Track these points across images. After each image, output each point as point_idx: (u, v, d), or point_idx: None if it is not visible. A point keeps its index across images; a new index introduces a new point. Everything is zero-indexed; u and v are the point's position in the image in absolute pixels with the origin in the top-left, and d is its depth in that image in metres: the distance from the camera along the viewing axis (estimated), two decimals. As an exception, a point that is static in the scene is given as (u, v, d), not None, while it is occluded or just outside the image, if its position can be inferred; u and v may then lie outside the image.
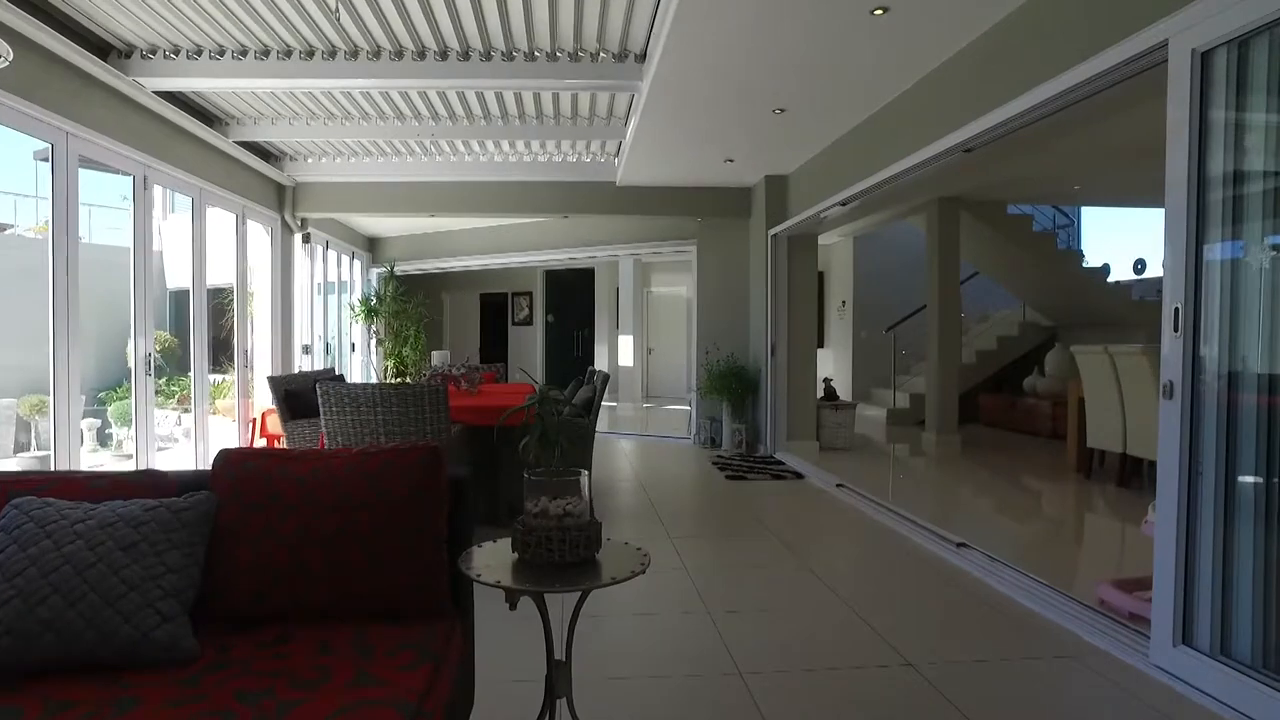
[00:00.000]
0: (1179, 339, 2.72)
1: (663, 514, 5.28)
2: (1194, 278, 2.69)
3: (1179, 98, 2.76)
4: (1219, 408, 2.65)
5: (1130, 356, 5.84)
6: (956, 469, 7.39)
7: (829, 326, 13.02)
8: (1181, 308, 2.70)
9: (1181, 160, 2.74)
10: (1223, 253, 2.65)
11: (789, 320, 7.98)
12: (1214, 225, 2.67)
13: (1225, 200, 2.65)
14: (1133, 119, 5.60)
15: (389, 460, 1.88)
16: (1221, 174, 2.66)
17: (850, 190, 5.79)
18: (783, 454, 7.82)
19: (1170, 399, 2.76)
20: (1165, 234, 2.81)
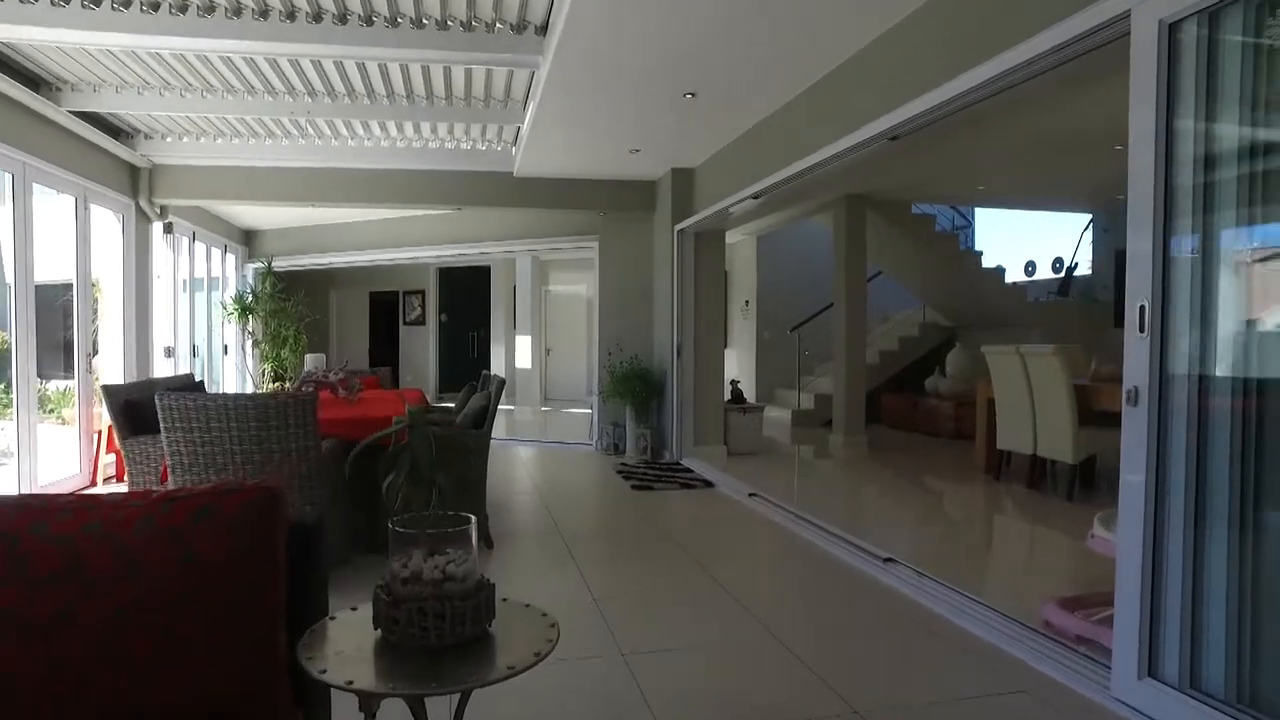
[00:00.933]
0: (1145, 340, 2.45)
1: (566, 533, 4.81)
2: (1162, 272, 2.43)
3: (1144, 74, 2.49)
4: (1189, 416, 2.40)
5: (1042, 358, 5.74)
6: (868, 473, 7.22)
7: (733, 327, 12.81)
8: (1149, 305, 2.44)
9: (1147, 145, 2.48)
10: (1193, 245, 2.39)
11: (695, 320, 7.64)
12: (1183, 215, 2.41)
13: (1196, 188, 2.40)
14: (1054, 112, 5.49)
15: (203, 508, 1.35)
16: (1191, 159, 2.41)
17: (767, 181, 5.47)
18: (690, 460, 7.47)
19: (1135, 406, 2.49)
20: (1130, 225, 2.54)
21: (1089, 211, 9.98)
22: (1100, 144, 6.46)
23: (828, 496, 6.20)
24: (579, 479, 6.94)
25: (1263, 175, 2.34)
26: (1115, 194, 8.63)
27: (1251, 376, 2.35)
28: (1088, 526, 5.14)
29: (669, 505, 5.73)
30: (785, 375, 11.62)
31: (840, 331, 8.59)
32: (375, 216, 9.91)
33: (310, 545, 1.53)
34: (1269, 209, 2.31)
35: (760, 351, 11.88)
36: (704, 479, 6.60)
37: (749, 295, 12.14)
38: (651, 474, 6.86)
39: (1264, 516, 2.35)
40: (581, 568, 4.07)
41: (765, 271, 11.85)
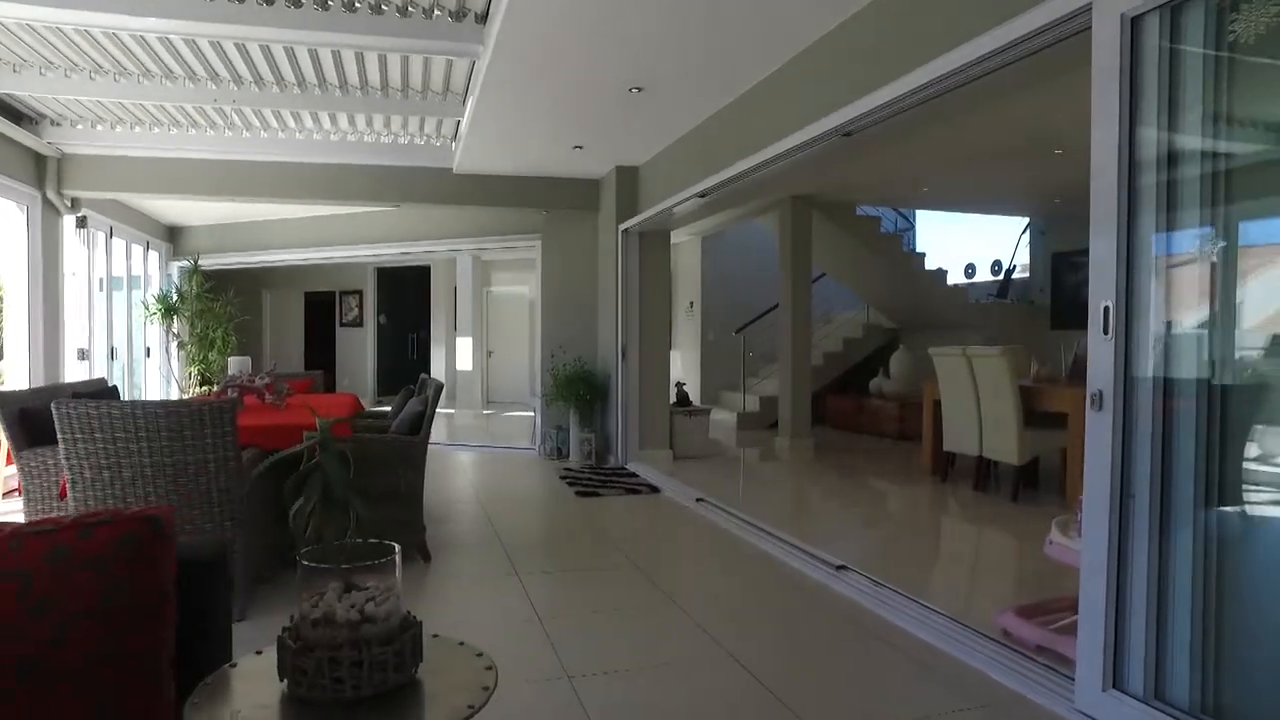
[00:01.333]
0: (1109, 341, 2.37)
1: (508, 543, 4.60)
2: (1125, 273, 2.35)
3: (1105, 70, 2.41)
4: (1154, 421, 2.33)
5: (988, 359, 5.73)
6: (815, 476, 7.15)
7: (678, 328, 12.71)
8: (1113, 306, 2.36)
9: (1109, 143, 2.40)
10: (1158, 245, 2.32)
11: (640, 321, 7.49)
12: (1147, 212, 2.34)
13: (1159, 185, 2.32)
14: (999, 115, 5.48)
15: (59, 549, 1.12)
16: (1155, 158, 2.33)
17: (715, 178, 5.34)
18: (635, 464, 7.31)
19: (1100, 410, 2.41)
20: (1092, 225, 2.46)
21: (1027, 215, 10.13)
22: (1041, 148, 6.51)
23: (776, 501, 6.11)
24: (522, 485, 6.73)
25: (1226, 174, 2.28)
26: (1053, 198, 8.75)
27: (1217, 379, 2.28)
28: (1036, 528, 5.15)
29: (615, 512, 5.56)
30: (730, 377, 11.55)
31: (786, 333, 8.54)
32: (310, 213, 9.52)
33: (208, 581, 1.32)
34: (1235, 207, 2.25)
35: (705, 353, 11.80)
36: (650, 484, 6.44)
37: (694, 296, 12.05)
38: (596, 479, 6.68)
39: (1230, 524, 2.29)
40: (524, 581, 3.87)
41: (710, 272, 11.77)
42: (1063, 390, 5.54)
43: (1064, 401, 5.48)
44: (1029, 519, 5.19)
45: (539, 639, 3.13)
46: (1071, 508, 5.17)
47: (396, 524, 4.06)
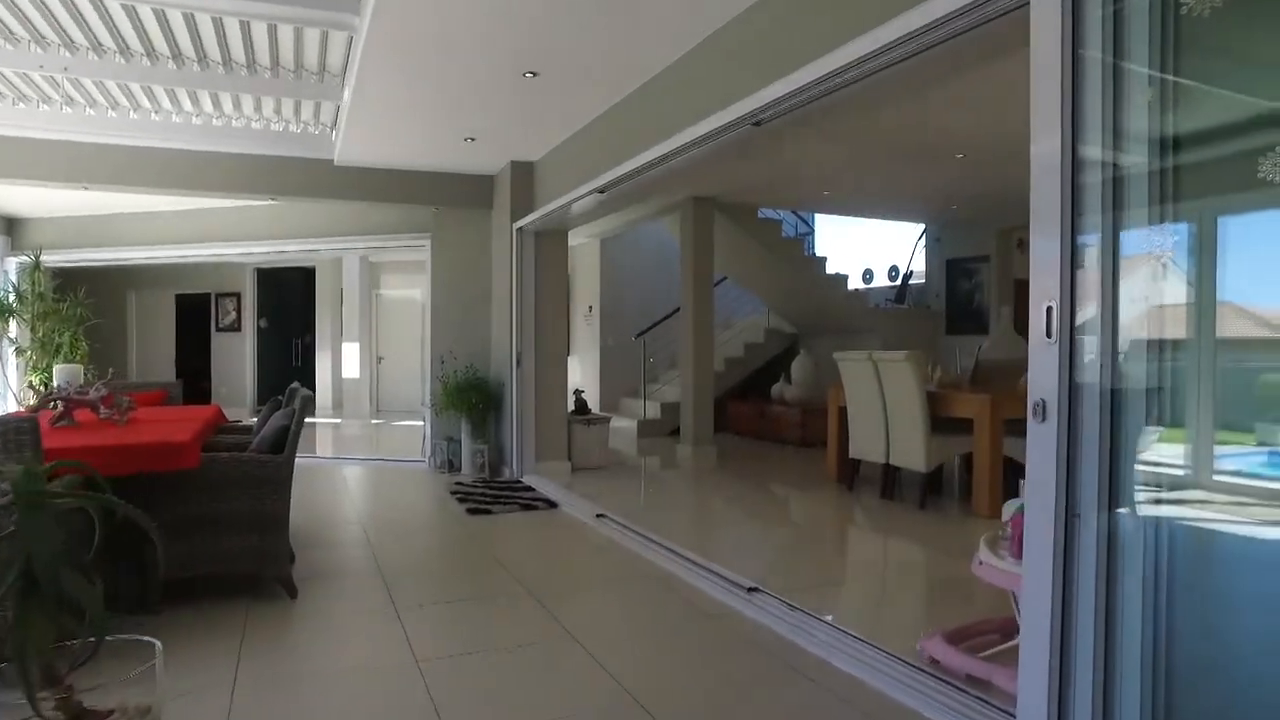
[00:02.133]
0: (1053, 346, 2.15)
1: (388, 571, 4.13)
2: (1071, 271, 2.14)
3: (1046, 52, 2.20)
4: (1102, 433, 2.11)
5: (896, 364, 5.61)
6: (720, 486, 6.91)
7: (575, 333, 12.35)
8: (1056, 307, 2.14)
9: (1053, 131, 2.18)
10: (1105, 243, 2.11)
11: (536, 325, 7.09)
12: (1092, 211, 2.13)
13: (1106, 182, 2.11)
14: (905, 112, 5.36)
15: None
16: (1101, 150, 2.13)
17: (616, 171, 5.01)
18: (532, 477, 6.89)
19: (1042, 422, 2.19)
20: (1034, 219, 2.25)
21: (923, 222, 10.24)
22: (944, 152, 6.47)
23: (681, 515, 5.82)
24: (408, 502, 6.22)
25: (1178, 167, 2.10)
26: (950, 205, 8.84)
27: (1168, 386, 2.09)
28: (949, 539, 5.03)
29: (508, 531, 5.14)
30: (631, 383, 11.28)
31: (687, 338, 8.31)
32: (178, 206, 8.67)
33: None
34: (1190, 202, 2.06)
35: (604, 359, 11.49)
36: (547, 499, 6.05)
37: (592, 300, 11.73)
38: (489, 495, 6.23)
39: (1185, 544, 2.10)
40: (403, 617, 3.42)
41: (609, 275, 11.48)
42: (967, 395, 5.47)
43: (969, 407, 5.40)
44: (940, 528, 5.08)
45: (416, 689, 2.70)
46: (984, 511, 5.09)
47: (256, 556, 3.54)
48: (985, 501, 5.25)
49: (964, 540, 4.84)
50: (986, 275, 9.52)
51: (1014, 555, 2.65)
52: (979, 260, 9.61)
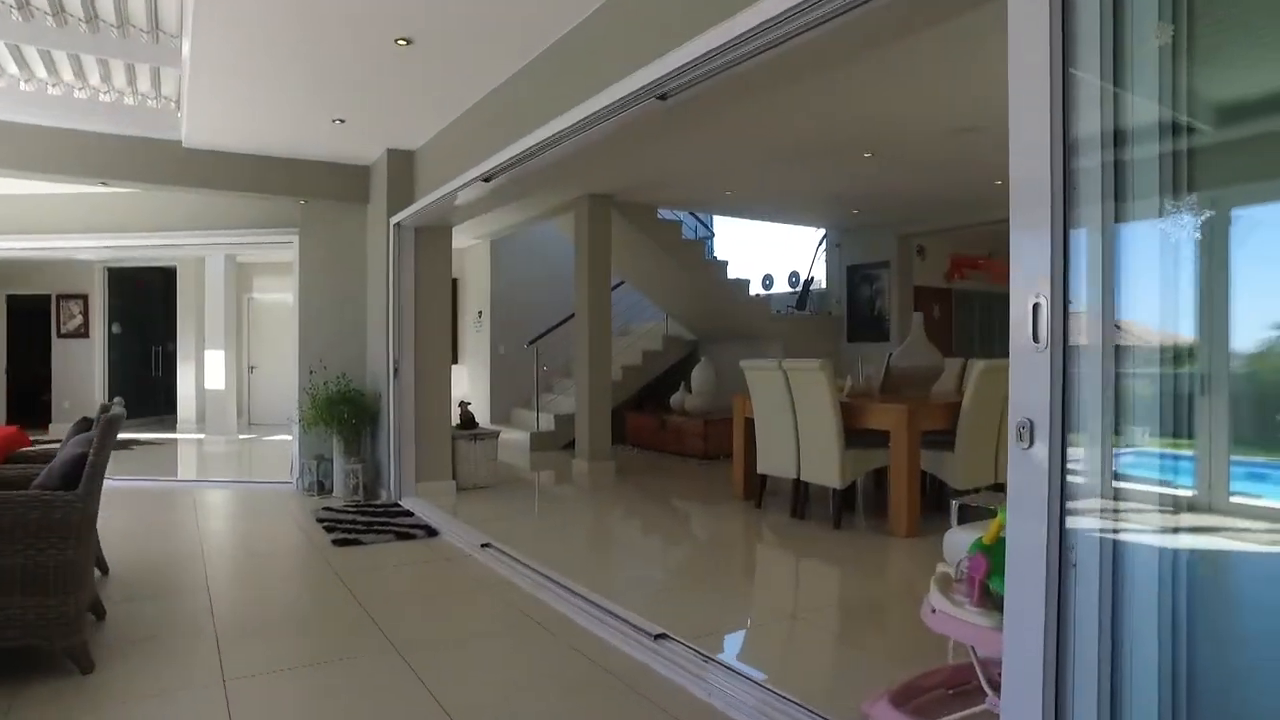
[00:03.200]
0: (1043, 353, 1.72)
1: (224, 627, 3.41)
2: (1062, 260, 1.72)
3: (1033, 13, 1.78)
4: (1105, 459, 1.70)
5: (808, 373, 5.23)
6: (619, 507, 6.38)
7: (464, 340, 11.64)
8: (1047, 304, 1.71)
9: (1041, 100, 1.76)
10: (1093, 237, 1.70)
11: (417, 331, 6.41)
12: (1089, 199, 1.71)
13: (1105, 165, 1.70)
14: (820, 98, 4.99)
15: None
16: (1099, 128, 1.71)
17: (502, 156, 4.42)
18: (411, 500, 6.20)
19: (1028, 447, 1.76)
20: (1014, 196, 1.82)
21: (824, 227, 10.05)
22: (852, 149, 6.17)
23: (576, 543, 5.25)
24: (267, 533, 5.43)
25: (1197, 149, 1.71)
26: (851, 209, 8.63)
27: (1180, 397, 1.69)
28: (871, 564, 4.60)
29: (378, 567, 4.47)
30: (524, 393, 10.66)
31: (582, 345, 7.78)
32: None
33: None
34: (1213, 186, 1.67)
35: (495, 368, 10.84)
36: (427, 525, 5.38)
37: (482, 305, 11.05)
38: (362, 521, 5.51)
39: (1206, 589, 1.70)
40: (231, 693, 2.74)
41: (501, 279, 10.84)
42: (883, 406, 5.13)
43: (885, 418, 5.06)
44: (859, 551, 4.70)
45: (229, 807, 2.05)
46: (901, 530, 4.73)
47: (33, 624, 2.78)
48: (903, 520, 4.92)
49: (887, 565, 4.48)
50: (888, 282, 9.38)
51: (975, 603, 2.22)
52: (880, 266, 9.47)
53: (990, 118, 5.34)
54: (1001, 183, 6.80)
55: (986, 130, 5.57)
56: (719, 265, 9.22)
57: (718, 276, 9.09)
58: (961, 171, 6.75)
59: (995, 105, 5.12)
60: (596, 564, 4.74)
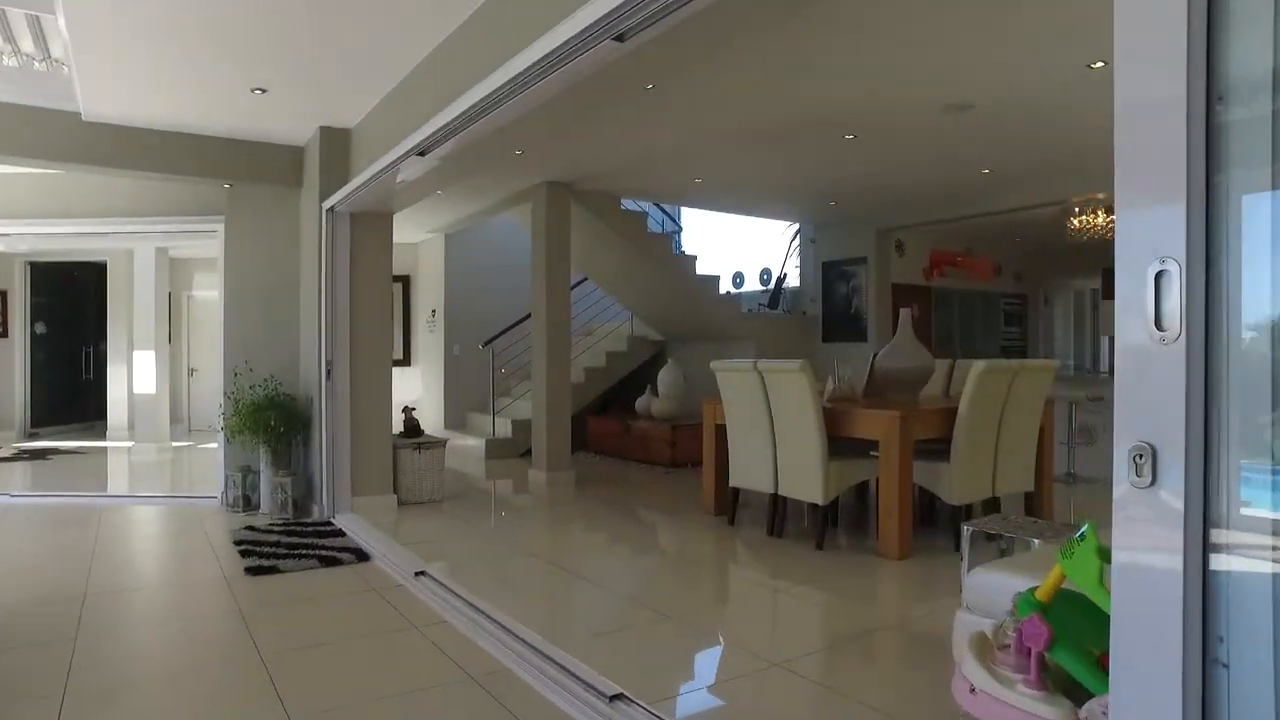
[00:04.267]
0: (1174, 346, 1.16)
1: (75, 689, 2.75)
2: (1204, 212, 1.16)
3: None
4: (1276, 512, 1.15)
5: (787, 376, 4.67)
6: (575, 523, 5.78)
7: (417, 341, 10.97)
8: (1180, 271, 1.15)
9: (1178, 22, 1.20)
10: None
11: (353, 329, 5.76)
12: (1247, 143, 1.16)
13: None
14: (789, 84, 4.43)
15: None
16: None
17: (436, 123, 3.80)
18: (346, 518, 5.55)
19: (1150, 485, 1.19)
20: (1121, 128, 1.26)
21: (798, 221, 9.54)
22: (832, 129, 5.64)
23: (525, 570, 4.60)
24: (173, 560, 4.75)
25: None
26: (828, 200, 8.12)
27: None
28: (867, 595, 3.99)
29: (293, 602, 3.82)
30: (481, 397, 10.02)
31: (540, 345, 7.18)
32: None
33: None
34: None
35: (450, 370, 10.18)
36: (358, 548, 4.74)
37: (436, 303, 10.39)
38: (285, 544, 4.85)
39: None
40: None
41: (455, 275, 10.19)
42: (872, 412, 4.59)
43: (874, 426, 4.52)
44: (849, 579, 4.14)
45: None
46: (892, 552, 4.20)
47: None
48: (894, 541, 4.39)
49: (882, 595, 3.93)
50: (865, 278, 8.89)
51: (1032, 685, 1.67)
52: (856, 262, 8.98)
53: (986, 93, 4.83)
54: (989, 171, 6.28)
55: (980, 108, 5.07)
56: (687, 260, 8.66)
57: (686, 272, 8.52)
58: (949, 157, 6.26)
59: (992, 79, 4.62)
60: (546, 596, 4.13)
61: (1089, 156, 6.22)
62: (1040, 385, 4.90)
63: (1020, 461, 4.91)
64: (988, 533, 2.98)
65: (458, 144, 4.01)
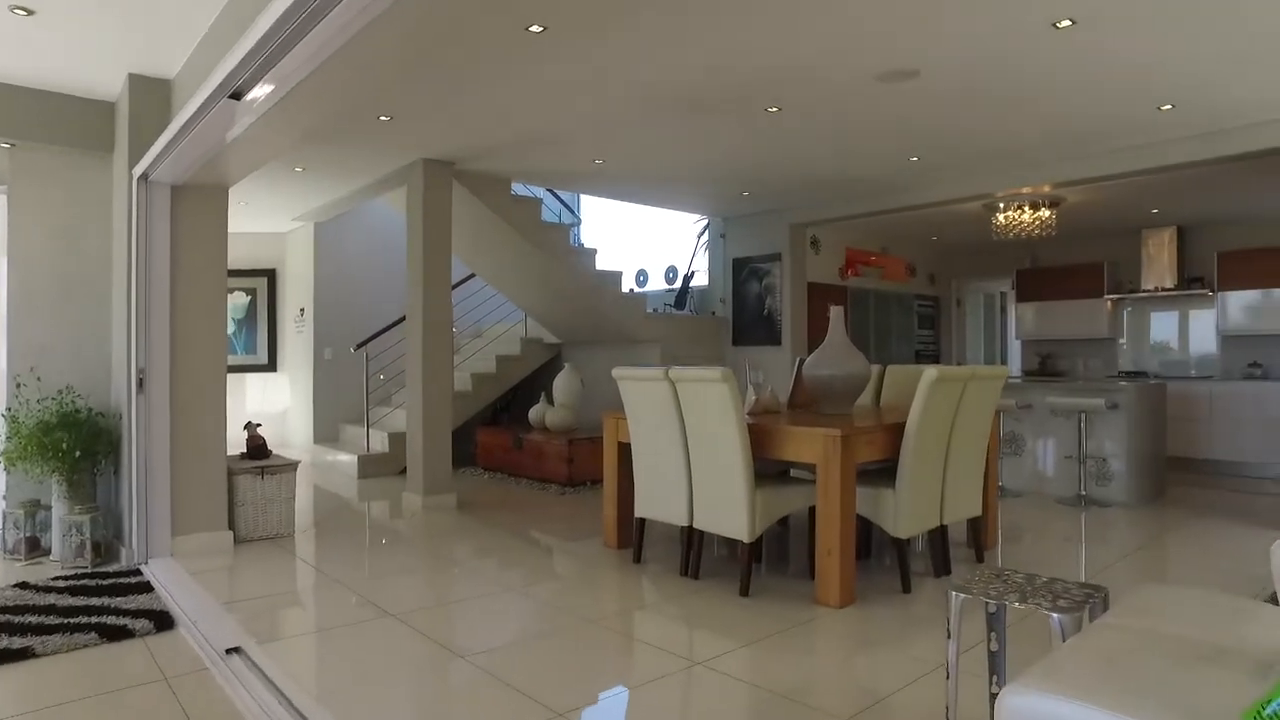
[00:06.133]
0: None
1: None
2: None
3: None
4: None
5: (705, 386, 3.88)
6: (448, 566, 4.79)
7: (284, 343, 9.73)
8: None
9: None
10: None
11: (174, 330, 4.67)
12: None
13: None
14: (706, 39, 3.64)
15: None
16: None
17: (244, 46, 2.82)
18: (160, 563, 4.45)
19: None
20: None
21: (707, 214, 8.82)
22: (754, 99, 4.89)
23: (377, 642, 3.60)
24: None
25: None
26: (741, 191, 7.42)
27: None
28: (806, 661, 2.81)
29: (27, 714, 2.76)
30: (356, 408, 8.91)
31: (415, 349, 6.21)
32: None
33: None
34: None
35: (321, 377, 9.03)
36: (161, 611, 3.66)
37: (305, 301, 9.21)
38: (62, 608, 3.73)
39: None
40: None
41: (327, 269, 9.05)
42: (802, 430, 3.83)
43: (809, 447, 3.77)
44: (782, 635, 3.35)
45: None
46: (832, 599, 3.40)
47: None
48: (835, 587, 3.65)
49: (832, 665, 3.14)
50: (779, 276, 8.24)
51: None
52: (770, 260, 8.32)
53: (932, 58, 4.17)
54: (918, 159, 5.63)
55: (925, 76, 4.41)
56: (586, 254, 7.80)
57: (584, 267, 7.66)
58: (880, 135, 5.62)
59: (941, 41, 3.95)
60: (392, 682, 3.18)
61: (1028, 141, 5.70)
62: (992, 396, 4.27)
63: (970, 484, 4.27)
64: (976, 595, 2.24)
65: (284, 86, 3.03)
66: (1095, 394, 6.23)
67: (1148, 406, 6.47)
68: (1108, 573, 4.29)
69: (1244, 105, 4.91)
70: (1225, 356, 8.42)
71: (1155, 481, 6.56)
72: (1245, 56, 4.13)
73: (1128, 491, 6.21)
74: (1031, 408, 6.69)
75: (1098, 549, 4.90)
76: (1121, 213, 8.12)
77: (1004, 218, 7.16)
